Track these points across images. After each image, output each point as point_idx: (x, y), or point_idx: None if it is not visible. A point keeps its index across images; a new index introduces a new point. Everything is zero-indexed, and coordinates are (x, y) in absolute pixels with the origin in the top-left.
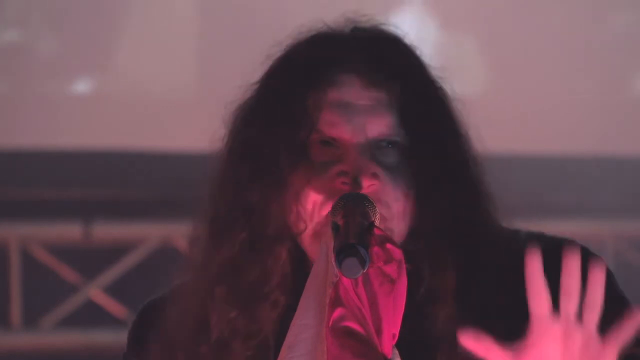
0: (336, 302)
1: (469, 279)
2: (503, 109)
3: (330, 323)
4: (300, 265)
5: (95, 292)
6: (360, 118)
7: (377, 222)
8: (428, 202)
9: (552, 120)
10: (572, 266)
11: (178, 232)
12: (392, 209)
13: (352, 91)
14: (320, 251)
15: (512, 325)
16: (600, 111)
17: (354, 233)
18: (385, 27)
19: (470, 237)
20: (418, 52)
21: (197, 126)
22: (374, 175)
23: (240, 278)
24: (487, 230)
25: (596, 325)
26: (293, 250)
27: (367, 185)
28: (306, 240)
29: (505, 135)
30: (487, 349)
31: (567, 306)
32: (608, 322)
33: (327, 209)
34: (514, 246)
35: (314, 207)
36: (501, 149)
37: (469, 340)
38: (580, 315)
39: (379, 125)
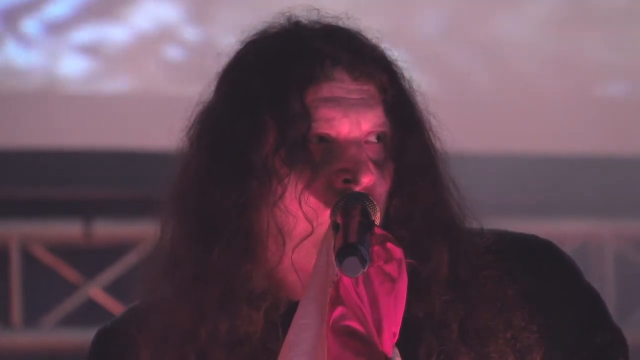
0: (337, 301)
1: (454, 268)
2: (506, 108)
3: (331, 322)
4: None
5: (96, 292)
6: (355, 112)
7: (377, 221)
8: (415, 193)
9: (553, 120)
10: None
11: None
12: (379, 202)
13: (344, 85)
14: (320, 250)
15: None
16: (600, 111)
17: (354, 232)
18: (346, 22)
19: (451, 229)
20: (383, 45)
21: None
22: (370, 171)
23: (232, 284)
24: (462, 222)
25: None
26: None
27: (365, 181)
28: (312, 241)
29: (507, 134)
30: None
31: None
32: (579, 314)
33: (330, 208)
34: (483, 241)
35: (317, 207)
36: (503, 148)
37: None
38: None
39: (372, 119)
